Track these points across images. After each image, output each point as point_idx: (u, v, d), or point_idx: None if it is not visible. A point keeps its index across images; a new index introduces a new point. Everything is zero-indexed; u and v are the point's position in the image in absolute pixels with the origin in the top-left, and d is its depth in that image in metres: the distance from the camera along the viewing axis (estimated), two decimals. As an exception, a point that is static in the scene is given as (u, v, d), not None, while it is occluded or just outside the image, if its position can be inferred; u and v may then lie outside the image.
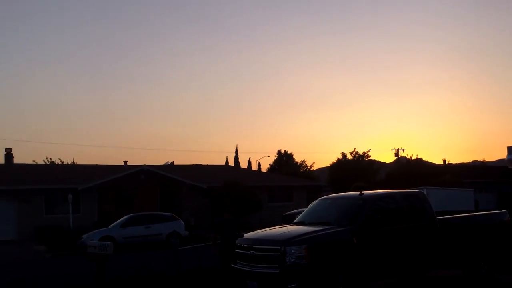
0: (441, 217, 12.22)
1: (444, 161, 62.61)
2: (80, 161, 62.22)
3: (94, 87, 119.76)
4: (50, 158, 63.63)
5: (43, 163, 59.55)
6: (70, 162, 61.56)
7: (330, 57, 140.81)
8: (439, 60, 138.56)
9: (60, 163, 61.73)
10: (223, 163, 61.65)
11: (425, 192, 15.53)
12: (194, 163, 50.63)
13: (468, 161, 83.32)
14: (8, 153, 44.34)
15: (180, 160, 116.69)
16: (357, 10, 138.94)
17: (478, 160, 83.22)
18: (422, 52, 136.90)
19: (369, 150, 61.57)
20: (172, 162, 51.76)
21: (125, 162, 44.58)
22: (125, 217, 27.39)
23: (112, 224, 27.13)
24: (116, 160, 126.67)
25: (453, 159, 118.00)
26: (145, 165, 39.27)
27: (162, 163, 49.46)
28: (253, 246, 10.68)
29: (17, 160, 45.53)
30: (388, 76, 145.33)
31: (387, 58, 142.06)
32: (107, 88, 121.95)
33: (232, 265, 11.38)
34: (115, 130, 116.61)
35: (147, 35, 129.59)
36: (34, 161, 57.07)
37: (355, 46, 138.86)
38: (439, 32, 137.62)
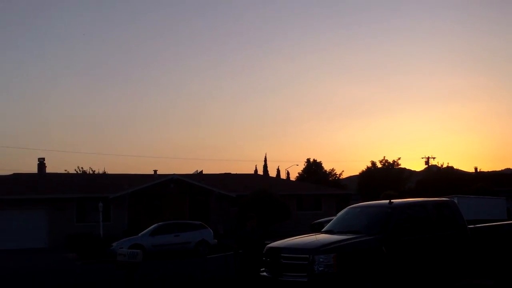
0: (472, 226, 12.05)
1: (476, 169, 61.73)
2: (110, 170, 63.02)
3: (125, 96, 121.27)
4: (82, 168, 64.51)
5: (75, 172, 60.33)
6: (101, 171, 62.28)
7: (360, 64, 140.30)
8: (472, 68, 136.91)
9: (91, 172, 62.50)
10: (252, 172, 61.66)
11: (456, 200, 15.29)
12: (223, 172, 50.71)
13: (500, 169, 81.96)
14: (41, 163, 45.03)
15: (209, 169, 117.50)
16: (388, 16, 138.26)
17: (511, 168, 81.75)
18: (454, 59, 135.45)
19: (399, 158, 61.12)
20: (201, 171, 51.95)
21: (155, 171, 44.96)
22: (154, 225, 27.54)
23: (142, 233, 27.30)
24: (146, 169, 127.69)
25: (485, 167, 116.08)
26: (174, 174, 39.50)
27: (191, 172, 49.69)
28: (281, 255, 10.66)
29: (49, 169, 46.25)
30: (419, 83, 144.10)
31: (418, 65, 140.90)
32: (137, 97, 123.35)
33: (260, 273, 11.36)
34: (146, 140, 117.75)
35: (178, 44, 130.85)
36: (66, 170, 58.00)
37: (385, 52, 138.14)
38: (471, 39, 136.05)
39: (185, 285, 14.21)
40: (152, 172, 44.97)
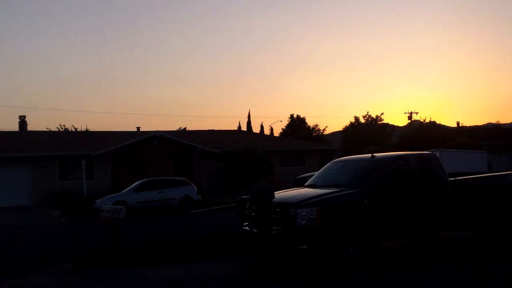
0: (453, 179, 12.17)
1: (458, 123, 62.17)
2: (93, 128, 62.52)
3: (107, 53, 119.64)
4: (64, 125, 64.09)
5: (57, 130, 59.87)
6: (83, 129, 61.84)
7: (343, 19, 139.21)
8: (454, 23, 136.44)
9: (73, 130, 62.03)
10: (236, 128, 61.60)
11: (438, 154, 15.42)
12: (207, 129, 50.61)
13: (482, 124, 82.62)
14: (22, 121, 44.59)
15: (193, 126, 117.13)
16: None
17: (492, 122, 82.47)
18: (437, 15, 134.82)
19: (382, 114, 61.30)
20: (185, 128, 51.86)
21: (138, 128, 44.76)
22: (138, 182, 27.55)
23: (126, 189, 27.31)
24: (129, 126, 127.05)
25: (467, 122, 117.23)
26: (157, 131, 39.33)
27: (175, 129, 49.52)
28: (264, 209, 10.69)
29: (30, 127, 45.86)
30: (402, 38, 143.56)
31: (401, 20, 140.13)
32: (120, 54, 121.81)
33: (243, 228, 11.44)
34: (128, 97, 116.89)
35: (161, 0, 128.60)
36: (47, 128, 57.57)
37: (369, 8, 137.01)
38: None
39: (170, 240, 14.30)
40: (135, 129, 44.78)
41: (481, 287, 8.59)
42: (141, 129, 44.03)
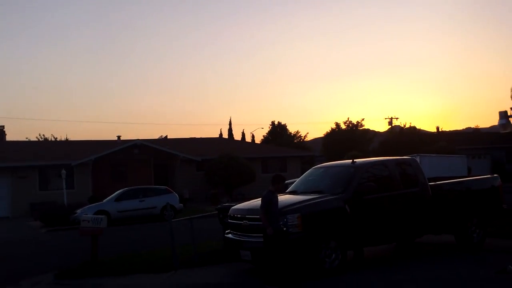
0: (433, 183, 12.25)
1: (438, 128, 62.64)
2: (73, 137, 62.09)
3: (87, 62, 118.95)
4: (43, 135, 63.61)
5: (36, 139, 59.33)
6: (63, 138, 61.36)
7: (323, 27, 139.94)
8: (433, 29, 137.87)
9: (53, 139, 61.50)
10: (217, 136, 61.52)
11: (418, 159, 15.54)
12: (188, 137, 50.47)
13: (461, 128, 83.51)
14: (0, 131, 44.10)
15: (174, 134, 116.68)
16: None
17: (472, 126, 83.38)
18: (416, 22, 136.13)
19: (363, 119, 61.58)
20: (166, 136, 51.69)
21: (119, 137, 44.46)
22: (119, 191, 27.38)
23: (106, 199, 27.15)
24: (109, 135, 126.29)
25: (447, 127, 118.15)
26: (138, 139, 39.19)
27: (156, 137, 49.36)
28: (246, 216, 10.70)
29: (9, 137, 45.40)
30: (381, 45, 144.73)
31: (380, 27, 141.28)
32: (99, 63, 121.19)
33: (225, 235, 11.42)
34: (109, 106, 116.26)
35: (140, 9, 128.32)
36: (27, 138, 56.98)
37: (348, 16, 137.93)
38: (432, 2, 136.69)
39: (151, 249, 14.22)
40: (116, 138, 44.48)
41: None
42: (122, 138, 43.78)
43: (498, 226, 14.15)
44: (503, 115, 13.31)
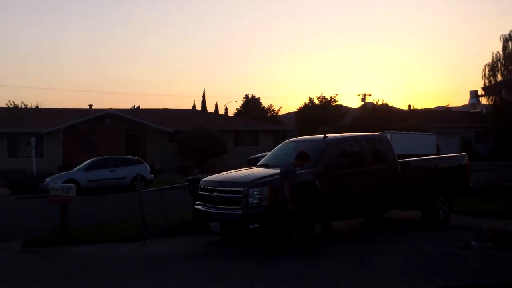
0: (402, 160, 12.40)
1: (410, 106, 63.22)
2: (44, 105, 60.92)
3: (60, 28, 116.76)
4: (13, 102, 62.55)
5: (6, 106, 58.29)
6: (33, 106, 60.38)
7: (299, 1, 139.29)
8: (407, 7, 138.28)
9: (23, 106, 60.50)
10: (190, 108, 61.18)
11: (389, 136, 15.69)
12: (161, 108, 50.13)
13: (433, 107, 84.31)
14: (-31, 96, 43.25)
15: (147, 104, 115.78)
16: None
17: (443, 105, 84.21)
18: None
19: (336, 95, 61.69)
20: (139, 106, 51.24)
21: (90, 106, 43.98)
22: (89, 160, 27.17)
23: (76, 168, 26.92)
24: (81, 104, 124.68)
25: (419, 105, 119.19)
26: (110, 109, 38.81)
27: (128, 107, 48.89)
28: (217, 188, 10.73)
29: (-22, 103, 44.47)
30: (358, 20, 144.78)
31: (354, 3, 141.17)
32: (72, 29, 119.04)
33: (195, 207, 11.46)
34: (80, 74, 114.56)
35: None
36: (-4, 104, 55.87)
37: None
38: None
39: (121, 219, 14.18)
40: (87, 107, 43.98)
41: (421, 262, 8.81)
42: (93, 107, 43.31)
43: (464, 203, 14.44)
44: (474, 94, 13.52)
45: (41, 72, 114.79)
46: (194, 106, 64.71)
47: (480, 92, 13.34)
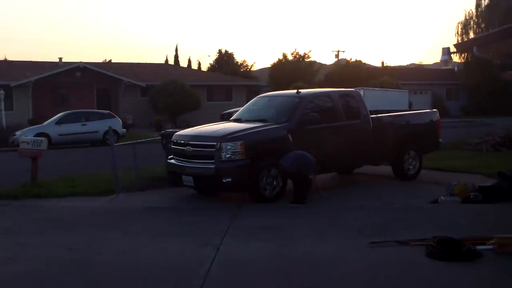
0: (374, 116, 12.50)
1: (383, 63, 63.50)
2: (12, 57, 59.70)
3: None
4: (-20, 54, 61.00)
5: (-27, 58, 56.89)
6: (1, 58, 59.03)
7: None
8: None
9: (-9, 58, 59.08)
10: (163, 62, 60.48)
11: (362, 92, 15.75)
12: (133, 62, 49.42)
13: (406, 64, 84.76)
14: None
15: (119, 58, 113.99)
16: None
17: (415, 63, 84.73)
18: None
19: (310, 51, 61.64)
20: (110, 60, 50.43)
21: (60, 58, 43.11)
22: (60, 114, 26.86)
23: (47, 121, 26.61)
24: (51, 56, 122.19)
25: (392, 62, 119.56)
26: (81, 62, 38.12)
27: (99, 60, 48.11)
28: (190, 142, 10.72)
29: None
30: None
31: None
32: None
33: (167, 160, 11.46)
34: (51, 25, 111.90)
35: None
36: (-38, 56, 54.42)
37: None
38: None
39: (92, 173, 14.11)
40: (58, 60, 43.13)
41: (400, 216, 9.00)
42: (63, 60, 42.49)
43: (434, 159, 14.69)
44: (446, 51, 13.59)
45: (9, 23, 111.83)
46: (166, 60, 64.06)
47: (452, 49, 13.44)
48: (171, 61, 63.77)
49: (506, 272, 6.20)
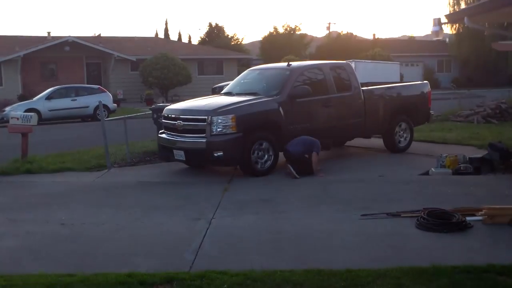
0: (365, 88, 12.47)
1: (374, 35, 63.13)
2: (0, 32, 58.99)
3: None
4: (-33, 28, 60.24)
5: (-40, 33, 56.22)
6: (-12, 33, 58.34)
7: None
8: None
9: (-22, 33, 58.43)
10: (153, 36, 59.97)
11: (353, 65, 15.69)
12: (123, 36, 48.96)
13: (397, 36, 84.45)
14: None
15: (109, 33, 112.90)
16: None
17: (407, 35, 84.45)
18: None
19: (301, 24, 61.27)
20: (100, 34, 49.94)
21: (49, 33, 42.66)
22: (50, 89, 26.62)
23: (37, 97, 26.40)
24: (39, 31, 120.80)
25: (383, 34, 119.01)
26: (70, 36, 37.72)
27: (89, 35, 47.65)
28: (180, 117, 10.68)
29: None
30: None
31: None
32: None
33: (158, 135, 11.43)
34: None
35: None
36: (-51, 31, 53.83)
37: None
38: None
39: (83, 148, 14.07)
40: (46, 35, 42.67)
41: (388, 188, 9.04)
42: (52, 34, 42.03)
43: (425, 131, 14.73)
44: (437, 22, 13.52)
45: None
46: (156, 34, 63.49)
47: (444, 19, 13.33)
48: (161, 35, 63.22)
49: (495, 242, 6.26)
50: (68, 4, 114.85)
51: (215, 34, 63.06)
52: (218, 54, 45.83)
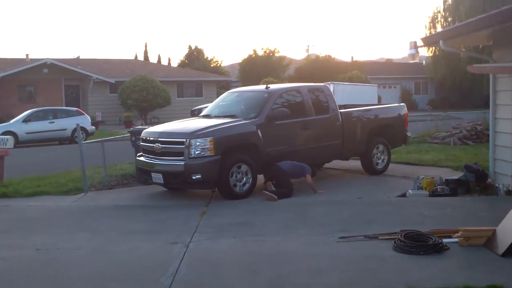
0: (343, 110, 12.57)
1: (352, 58, 63.92)
2: (-23, 54, 58.55)
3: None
4: None
5: None
6: (-34, 55, 57.86)
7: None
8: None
9: (-45, 55, 57.92)
10: (132, 58, 59.94)
11: (331, 87, 15.83)
12: (102, 58, 48.86)
13: (375, 59, 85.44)
14: None
15: (87, 55, 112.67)
16: None
17: (384, 57, 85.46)
18: None
19: (280, 46, 61.67)
20: (78, 56, 49.81)
21: (27, 55, 42.45)
22: (27, 111, 26.41)
23: (14, 119, 26.16)
24: (17, 53, 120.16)
25: (361, 57, 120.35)
26: (48, 58, 37.55)
27: (67, 57, 47.43)
28: (159, 139, 10.65)
29: None
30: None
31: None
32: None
33: (136, 158, 11.37)
34: (18, 22, 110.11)
35: None
36: None
37: None
38: None
39: (61, 171, 13.94)
40: (24, 57, 42.45)
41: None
42: (30, 57, 41.82)
43: (402, 152, 14.84)
44: (413, 45, 13.72)
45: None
46: (136, 57, 63.48)
47: (420, 42, 13.54)
48: (141, 58, 63.23)
49: (470, 264, 6.31)
50: (47, 26, 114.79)
51: (194, 57, 63.32)
52: (197, 76, 45.94)
